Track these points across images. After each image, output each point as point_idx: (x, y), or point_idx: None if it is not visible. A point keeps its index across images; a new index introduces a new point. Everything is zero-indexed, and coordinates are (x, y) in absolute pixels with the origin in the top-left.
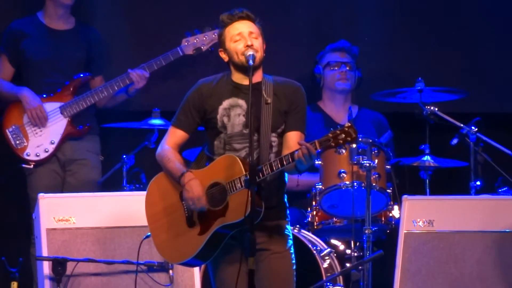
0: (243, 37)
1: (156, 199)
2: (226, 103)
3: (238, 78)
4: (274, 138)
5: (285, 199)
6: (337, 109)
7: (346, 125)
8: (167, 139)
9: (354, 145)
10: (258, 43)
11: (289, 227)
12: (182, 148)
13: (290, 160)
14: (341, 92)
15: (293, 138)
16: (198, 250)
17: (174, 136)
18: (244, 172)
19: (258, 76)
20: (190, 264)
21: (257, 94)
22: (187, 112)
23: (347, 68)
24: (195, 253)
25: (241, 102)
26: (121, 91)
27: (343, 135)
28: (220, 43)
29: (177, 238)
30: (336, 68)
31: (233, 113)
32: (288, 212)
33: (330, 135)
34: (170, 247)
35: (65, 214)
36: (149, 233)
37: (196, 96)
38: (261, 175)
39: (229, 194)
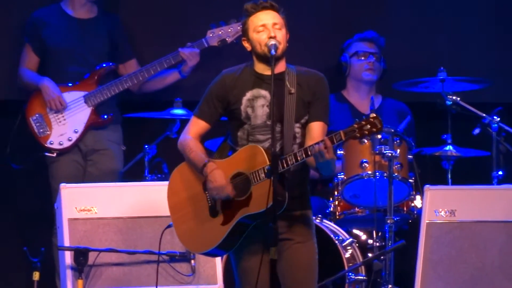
0: (267, 28)
1: (179, 189)
2: (249, 94)
3: (261, 68)
4: (297, 129)
5: (308, 189)
6: (362, 99)
7: (372, 115)
8: (189, 129)
9: (379, 136)
10: (281, 34)
11: (312, 216)
12: (203, 138)
13: (310, 152)
14: (367, 83)
15: (316, 129)
16: (221, 240)
17: (196, 126)
18: (268, 163)
19: (281, 66)
20: (212, 254)
21: (281, 84)
22: (209, 102)
23: (375, 58)
24: (218, 243)
25: (265, 92)
26: (171, 71)
27: (369, 126)
28: (243, 32)
29: (200, 228)
30: (363, 58)
31: (256, 104)
32: (310, 201)
33: (356, 125)
34: (193, 237)
35: (87, 204)
36: (171, 223)
37: (219, 86)
38: (285, 165)
39: (252, 184)
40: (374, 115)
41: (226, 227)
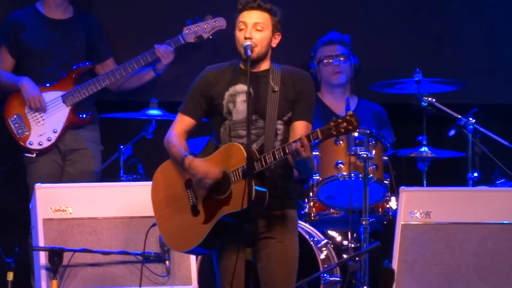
0: (246, 27)
1: (162, 187)
2: (232, 90)
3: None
4: (280, 126)
5: (292, 188)
6: (336, 101)
7: (348, 113)
8: (174, 125)
9: (356, 133)
10: (260, 35)
11: (296, 215)
12: (189, 136)
13: (287, 150)
14: (338, 86)
15: (300, 128)
16: (202, 238)
17: (182, 123)
18: None
19: (265, 65)
20: (194, 252)
21: (265, 81)
22: (194, 98)
23: (341, 59)
24: (199, 242)
25: (247, 81)
26: (146, 69)
27: (345, 124)
28: (234, 28)
29: (182, 227)
30: (329, 62)
31: (238, 99)
32: (295, 201)
33: (332, 123)
34: (175, 235)
35: (62, 204)
36: (156, 222)
37: (202, 82)
38: (264, 163)
39: (232, 182)
40: (351, 113)
41: (207, 225)
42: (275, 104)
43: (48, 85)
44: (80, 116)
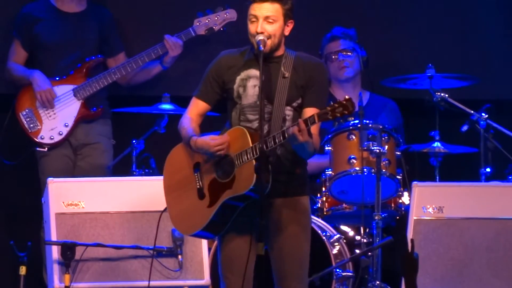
0: (258, 21)
1: (173, 170)
2: (244, 74)
3: None
4: (289, 112)
5: (303, 174)
6: (348, 95)
7: (345, 98)
8: (188, 109)
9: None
10: (272, 28)
11: (307, 202)
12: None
13: (286, 134)
14: (346, 81)
15: (310, 114)
16: (207, 222)
17: (195, 106)
18: (250, 144)
19: (279, 51)
20: (200, 236)
21: (276, 67)
22: (207, 82)
23: (348, 54)
24: (204, 225)
25: (259, 73)
26: (154, 63)
27: (341, 108)
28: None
29: (188, 210)
30: (334, 58)
31: (248, 83)
32: (306, 187)
33: (329, 108)
34: (182, 218)
35: (74, 199)
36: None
37: (215, 66)
38: (265, 147)
39: (236, 166)
40: (348, 97)
41: (211, 209)
42: (285, 89)
43: (57, 78)
44: (92, 109)
